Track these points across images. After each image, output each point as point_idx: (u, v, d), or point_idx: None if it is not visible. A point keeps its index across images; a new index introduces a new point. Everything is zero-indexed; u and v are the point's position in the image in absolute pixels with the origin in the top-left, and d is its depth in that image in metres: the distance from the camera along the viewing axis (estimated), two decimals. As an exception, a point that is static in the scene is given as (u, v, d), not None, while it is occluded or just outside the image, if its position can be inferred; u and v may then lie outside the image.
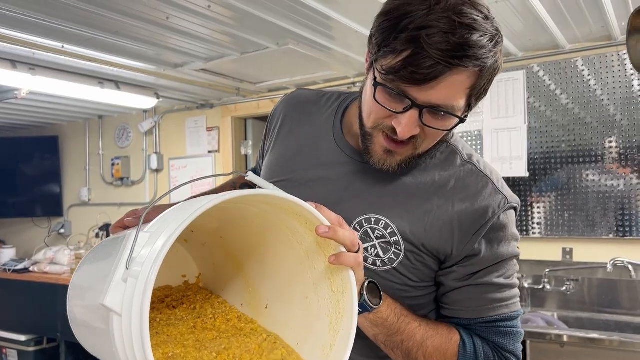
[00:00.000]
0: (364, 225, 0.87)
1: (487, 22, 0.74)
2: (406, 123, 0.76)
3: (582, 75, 2.53)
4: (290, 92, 1.09)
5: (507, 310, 0.88)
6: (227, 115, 3.73)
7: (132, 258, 0.58)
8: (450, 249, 0.85)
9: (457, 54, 0.71)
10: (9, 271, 4.03)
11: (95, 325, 0.67)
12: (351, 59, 2.69)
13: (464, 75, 0.73)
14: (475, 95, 0.78)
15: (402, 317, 0.84)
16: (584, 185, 2.53)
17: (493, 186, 0.88)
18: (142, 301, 0.54)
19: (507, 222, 0.87)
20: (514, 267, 0.91)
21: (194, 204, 0.62)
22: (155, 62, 2.71)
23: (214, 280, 0.88)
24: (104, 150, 4.31)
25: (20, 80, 2.64)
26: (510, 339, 0.88)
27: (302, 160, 0.96)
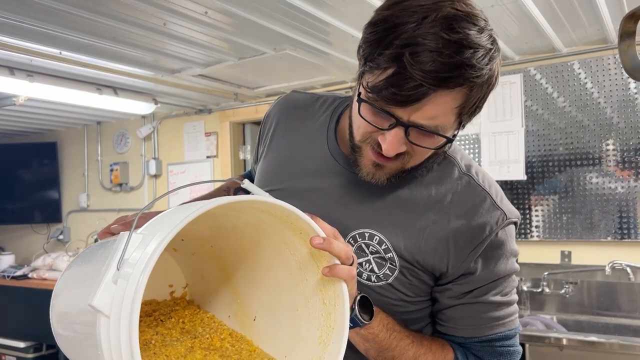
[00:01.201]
0: (357, 240, 0.85)
1: (481, 35, 0.69)
2: (391, 141, 0.74)
3: (579, 78, 2.54)
4: (283, 96, 1.06)
5: (504, 329, 0.86)
6: (225, 120, 3.73)
7: (123, 259, 0.57)
8: (446, 267, 0.83)
9: (443, 75, 0.67)
10: (7, 278, 4.01)
11: (79, 330, 0.66)
12: (349, 63, 2.70)
13: (451, 95, 0.70)
14: (467, 113, 0.75)
15: (395, 332, 0.82)
16: (582, 188, 2.53)
17: (491, 201, 0.84)
18: (133, 303, 0.53)
19: (506, 239, 0.85)
20: (512, 283, 0.88)
21: (189, 207, 0.62)
22: (152, 68, 2.71)
23: (202, 291, 0.87)
24: (103, 156, 4.31)
25: (18, 86, 2.64)
26: (507, 358, 0.87)
27: (295, 169, 0.93)
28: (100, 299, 0.55)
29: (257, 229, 0.73)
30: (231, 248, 0.81)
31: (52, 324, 0.77)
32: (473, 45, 0.68)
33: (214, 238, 0.80)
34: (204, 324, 0.80)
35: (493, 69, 0.72)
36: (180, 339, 0.75)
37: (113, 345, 0.54)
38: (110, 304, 0.55)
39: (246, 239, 0.77)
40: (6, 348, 4.00)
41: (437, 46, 0.66)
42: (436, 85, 0.67)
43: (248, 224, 0.73)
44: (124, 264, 0.57)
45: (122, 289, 0.55)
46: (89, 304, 0.55)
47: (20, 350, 3.91)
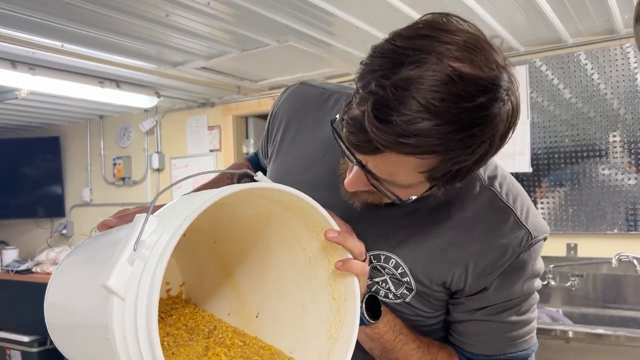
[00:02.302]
0: (372, 262, 0.80)
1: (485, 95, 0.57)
2: (351, 178, 0.69)
3: (585, 70, 2.52)
4: (292, 89, 0.97)
5: (515, 350, 0.81)
6: (228, 113, 3.71)
7: (140, 240, 0.55)
8: (464, 285, 0.79)
9: (398, 140, 0.57)
10: (11, 272, 4.02)
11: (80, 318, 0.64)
12: (352, 55, 2.67)
13: (409, 159, 0.60)
14: (443, 177, 0.64)
15: (401, 335, 0.79)
16: (588, 180, 2.51)
17: (515, 219, 0.77)
18: (152, 285, 0.51)
19: (528, 260, 0.78)
20: (530, 301, 0.82)
21: (206, 193, 0.60)
22: (155, 60, 2.69)
23: (199, 289, 0.85)
24: (105, 150, 4.30)
25: (20, 80, 2.63)
26: None
27: (307, 180, 0.85)
28: (115, 279, 0.52)
29: (265, 221, 0.72)
30: (233, 243, 0.79)
31: (45, 315, 0.75)
32: (452, 120, 0.57)
33: (218, 233, 0.78)
34: (205, 321, 0.79)
35: (477, 142, 0.60)
36: (194, 339, 0.73)
37: (128, 330, 0.52)
38: (125, 285, 0.52)
39: (250, 233, 0.76)
40: (11, 342, 4.01)
41: (409, 108, 0.56)
42: (385, 146, 0.59)
43: (258, 215, 0.71)
44: (141, 245, 0.54)
45: (140, 269, 0.53)
46: (101, 284, 0.52)
47: (24, 345, 3.92)
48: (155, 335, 0.50)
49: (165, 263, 0.52)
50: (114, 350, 0.53)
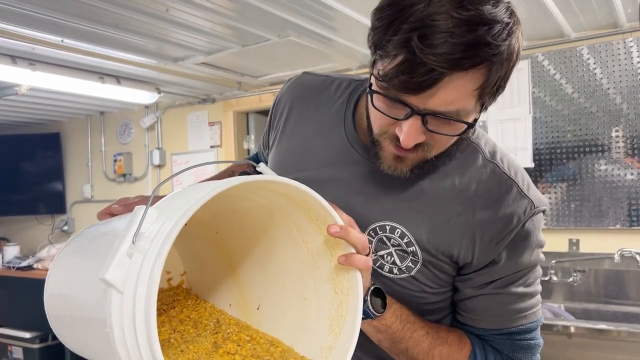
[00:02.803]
0: (378, 232, 0.81)
1: (496, 8, 0.64)
2: (408, 131, 0.70)
3: (588, 64, 2.50)
4: (295, 78, 1.00)
5: (526, 322, 0.82)
6: (229, 109, 3.71)
7: (139, 233, 0.54)
8: (471, 258, 0.80)
9: (455, 56, 0.62)
10: (13, 268, 4.02)
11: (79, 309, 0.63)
12: (354, 50, 2.66)
13: (468, 77, 0.65)
14: (489, 93, 0.70)
15: (408, 324, 0.79)
16: (591, 176, 2.50)
17: (518, 190, 0.80)
18: (151, 280, 0.50)
19: (532, 230, 0.80)
20: (535, 273, 0.84)
21: (207, 185, 0.59)
22: (155, 55, 2.69)
23: (200, 279, 0.84)
24: (106, 147, 4.30)
25: (20, 76, 2.62)
26: (527, 352, 0.83)
27: (311, 159, 0.89)
28: (113, 272, 0.51)
29: (268, 214, 0.71)
30: (235, 234, 0.79)
31: (45, 305, 0.75)
32: (487, 22, 0.63)
33: (219, 224, 0.78)
34: (208, 314, 0.78)
35: (512, 44, 0.67)
36: (201, 334, 0.72)
37: (126, 324, 0.51)
38: (124, 278, 0.52)
39: (253, 225, 0.75)
40: (12, 339, 4.01)
41: (448, 26, 0.62)
42: (449, 68, 0.63)
43: (261, 207, 0.70)
44: (140, 238, 0.53)
45: (139, 263, 0.52)
46: (100, 277, 0.51)
47: (26, 341, 3.93)
48: (154, 330, 0.50)
49: (164, 257, 0.51)
50: (112, 343, 0.52)
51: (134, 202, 0.80)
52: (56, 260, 0.76)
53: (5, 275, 4.04)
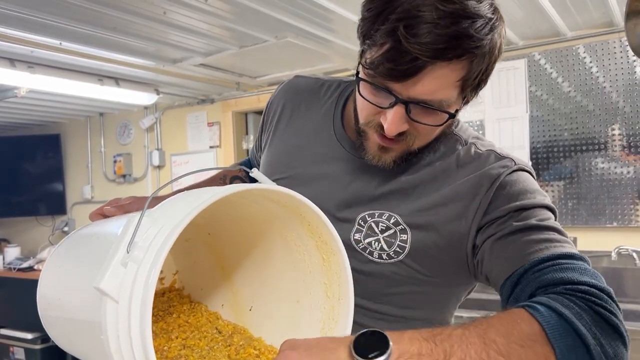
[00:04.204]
0: (367, 220, 0.83)
1: (480, 4, 0.68)
2: (392, 119, 0.72)
3: (584, 63, 2.51)
4: (287, 81, 1.04)
5: (562, 250, 0.68)
6: (228, 110, 3.72)
7: (133, 242, 0.54)
8: (466, 227, 0.77)
9: (439, 46, 0.65)
10: (14, 270, 4.03)
11: (74, 312, 0.64)
12: (351, 50, 2.67)
13: (450, 67, 0.68)
14: (470, 86, 0.72)
15: (437, 335, 0.59)
16: (588, 174, 2.51)
17: (496, 155, 0.81)
18: (146, 292, 0.51)
19: (517, 178, 0.77)
20: (548, 215, 0.74)
21: (201, 193, 0.59)
22: (154, 57, 2.70)
23: (193, 278, 0.85)
24: (106, 148, 4.31)
25: (19, 78, 2.64)
26: (577, 273, 0.65)
27: (302, 156, 0.92)
28: (108, 281, 0.52)
29: (259, 217, 0.72)
30: (228, 236, 0.80)
31: (38, 306, 0.75)
32: (471, 15, 0.67)
33: (212, 226, 0.79)
34: (205, 319, 0.79)
35: (495, 39, 0.70)
36: (214, 347, 0.72)
37: (122, 333, 0.52)
38: (118, 287, 0.52)
39: (245, 228, 0.76)
40: (14, 339, 4.03)
41: (433, 17, 0.65)
42: (432, 57, 0.66)
43: (252, 213, 0.72)
44: (134, 247, 0.54)
45: (133, 273, 0.53)
46: (95, 286, 0.52)
47: (28, 342, 3.94)
48: (149, 341, 0.51)
49: (158, 268, 0.52)
50: (107, 350, 0.53)
51: (127, 204, 0.81)
52: (49, 262, 0.76)
53: (6, 276, 4.05)
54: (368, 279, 0.81)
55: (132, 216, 0.57)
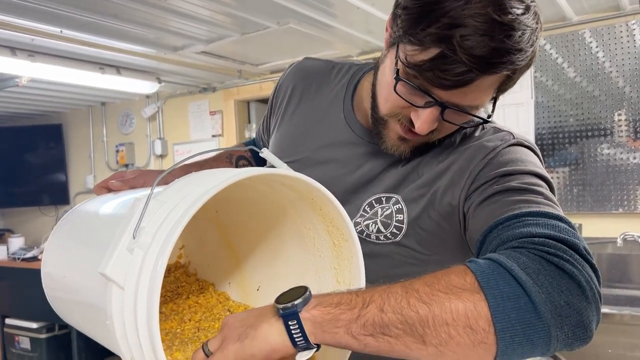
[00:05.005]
0: (374, 206, 0.81)
1: (528, 14, 0.65)
2: (425, 119, 0.71)
3: (590, 48, 2.48)
4: (296, 63, 1.02)
5: (536, 209, 0.64)
6: (230, 98, 3.70)
7: (140, 227, 0.53)
8: (457, 199, 0.75)
9: (492, 60, 0.64)
10: (18, 260, 4.05)
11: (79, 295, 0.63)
12: (353, 36, 2.64)
13: (495, 78, 0.68)
14: (503, 90, 0.73)
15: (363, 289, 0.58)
16: (593, 160, 2.49)
17: (495, 128, 0.81)
18: (154, 277, 0.49)
19: (514, 151, 0.75)
20: (536, 181, 0.70)
21: (211, 176, 0.58)
22: (155, 45, 2.67)
23: (199, 253, 0.84)
24: (108, 137, 4.30)
25: (20, 67, 2.62)
26: (539, 227, 0.60)
27: (310, 140, 0.90)
28: (113, 267, 0.51)
29: (268, 201, 0.71)
30: (236, 215, 0.79)
31: (43, 284, 0.74)
32: (522, 27, 0.64)
33: (216, 203, 0.77)
34: (215, 300, 0.78)
35: (535, 48, 0.69)
36: None
37: (127, 320, 0.51)
38: (124, 274, 0.51)
39: (255, 209, 0.75)
40: (19, 329, 4.05)
41: (488, 29, 0.62)
42: (484, 71, 0.65)
43: (261, 194, 0.70)
44: (140, 232, 0.53)
45: (139, 259, 0.51)
46: (100, 271, 0.51)
47: (33, 331, 3.96)
48: (156, 330, 0.50)
49: (166, 256, 0.50)
50: (113, 336, 0.53)
51: (132, 179, 0.80)
52: (52, 239, 0.75)
53: (11, 266, 4.06)
54: (368, 261, 0.79)
55: (139, 199, 0.56)
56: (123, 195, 0.73)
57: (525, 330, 0.52)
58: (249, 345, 0.54)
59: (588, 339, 0.56)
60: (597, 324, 0.57)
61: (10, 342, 4.15)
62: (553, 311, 0.52)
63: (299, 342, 0.54)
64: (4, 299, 4.18)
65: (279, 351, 0.54)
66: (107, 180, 0.81)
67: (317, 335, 0.55)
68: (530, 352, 0.54)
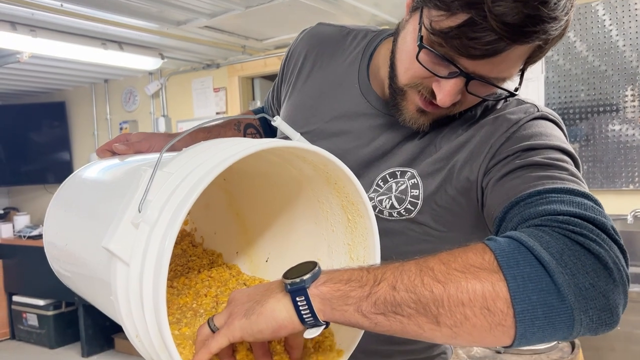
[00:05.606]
0: (388, 180, 0.77)
1: None
2: (449, 91, 0.66)
3: (603, 22, 2.42)
4: (309, 28, 0.96)
5: (561, 185, 0.60)
6: (234, 74, 3.65)
7: (146, 200, 0.50)
8: (475, 174, 0.71)
9: (525, 29, 0.58)
10: (24, 237, 4.06)
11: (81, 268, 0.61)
12: (360, 10, 2.59)
13: (526, 48, 0.63)
14: (532, 62, 0.68)
15: (375, 266, 0.56)
16: (604, 136, 2.45)
17: (519, 99, 0.75)
18: (161, 255, 0.47)
19: (538, 125, 0.70)
20: (561, 156, 0.66)
21: (222, 146, 0.55)
22: (158, 19, 2.62)
23: (205, 221, 0.81)
24: (112, 115, 4.27)
25: (20, 42, 2.58)
26: (564, 204, 0.57)
27: (323, 111, 0.85)
28: (117, 242, 0.49)
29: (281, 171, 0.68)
30: (245, 184, 0.76)
31: (46, 253, 0.72)
32: None
33: (226, 171, 0.75)
34: (228, 274, 0.75)
35: (570, 17, 0.63)
36: None
37: (132, 297, 0.49)
38: (129, 249, 0.49)
39: (264, 179, 0.72)
40: (27, 306, 4.09)
41: None
42: (516, 40, 0.60)
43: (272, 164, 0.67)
44: (147, 206, 0.50)
45: (145, 235, 0.49)
46: (103, 245, 0.49)
47: (40, 308, 4.00)
48: (163, 311, 0.48)
49: (175, 234, 0.48)
50: (117, 312, 0.51)
51: (137, 143, 0.77)
52: (54, 206, 0.73)
53: (17, 244, 4.08)
54: (380, 239, 0.76)
55: (144, 170, 0.53)
56: (128, 161, 0.71)
57: (547, 313, 0.49)
58: (255, 321, 0.52)
59: (614, 323, 0.51)
60: (624, 307, 0.52)
61: (18, 319, 4.19)
62: (577, 294, 0.49)
63: (307, 319, 0.52)
64: (11, 276, 4.21)
65: (286, 327, 0.53)
66: (111, 143, 0.78)
67: (326, 313, 0.52)
68: (551, 337, 0.51)
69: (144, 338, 0.50)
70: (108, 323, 3.84)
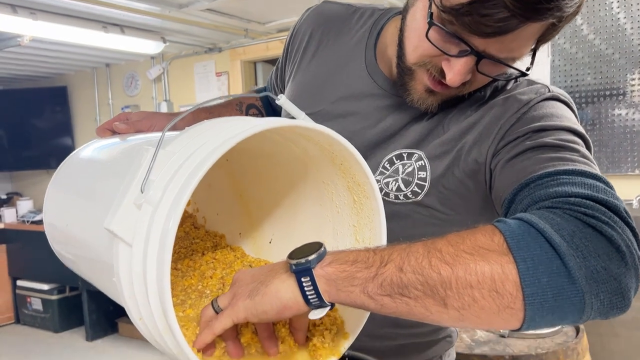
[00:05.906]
0: (395, 162, 0.76)
1: None
2: (459, 70, 0.65)
3: (611, 7, 2.38)
4: (314, 7, 0.94)
5: (572, 167, 0.59)
6: (236, 58, 3.62)
7: (148, 180, 0.49)
8: (484, 156, 0.70)
9: (539, 6, 0.56)
10: (27, 222, 4.07)
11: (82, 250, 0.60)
12: (364, -8, 2.55)
13: (538, 26, 0.61)
14: (545, 40, 0.65)
15: (382, 247, 0.55)
16: (610, 121, 2.42)
17: (528, 81, 0.74)
18: (165, 235, 0.46)
19: (549, 106, 0.69)
20: (572, 138, 0.65)
21: (226, 125, 0.53)
22: (159, 2, 2.60)
23: (207, 201, 0.80)
24: (114, 100, 4.25)
25: (21, 25, 2.56)
26: (575, 186, 0.56)
27: (329, 91, 0.84)
28: (119, 223, 0.48)
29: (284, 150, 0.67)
30: (247, 165, 0.74)
31: (47, 234, 0.71)
32: None
33: (229, 152, 0.74)
34: (233, 256, 0.75)
35: None
36: None
37: (136, 279, 0.48)
38: (132, 230, 0.48)
39: (268, 160, 0.71)
40: (31, 290, 4.11)
41: None
42: (530, 18, 0.58)
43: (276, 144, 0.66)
44: (149, 186, 0.49)
45: (148, 215, 0.48)
46: (105, 226, 0.48)
47: (44, 292, 4.02)
48: (167, 292, 0.47)
49: (179, 214, 0.47)
50: (120, 295, 0.50)
51: (138, 122, 0.76)
52: (53, 186, 0.72)
53: (21, 229, 4.09)
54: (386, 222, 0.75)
55: (146, 149, 0.51)
56: (128, 139, 0.69)
57: (557, 296, 0.48)
58: (259, 301, 0.52)
59: (625, 307, 0.50)
60: (635, 291, 0.51)
61: (23, 304, 4.22)
62: (588, 277, 0.48)
63: (312, 300, 0.52)
64: (16, 261, 4.23)
65: (291, 308, 0.52)
66: (111, 122, 0.77)
67: (331, 294, 0.52)
68: (561, 320, 0.50)
69: (148, 320, 0.50)
70: (112, 307, 3.86)
